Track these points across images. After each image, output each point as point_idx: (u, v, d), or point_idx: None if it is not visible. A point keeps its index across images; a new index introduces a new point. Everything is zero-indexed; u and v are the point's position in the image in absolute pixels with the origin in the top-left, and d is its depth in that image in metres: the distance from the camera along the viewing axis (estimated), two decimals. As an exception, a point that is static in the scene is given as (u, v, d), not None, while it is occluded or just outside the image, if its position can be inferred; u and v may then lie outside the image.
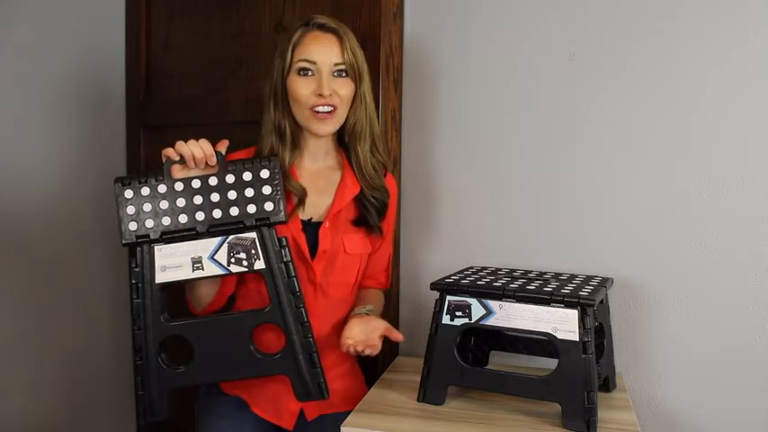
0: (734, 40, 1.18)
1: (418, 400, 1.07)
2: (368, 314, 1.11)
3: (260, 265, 0.99)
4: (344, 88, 1.08)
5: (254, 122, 1.18)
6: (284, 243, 1.00)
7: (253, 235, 1.00)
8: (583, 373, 0.95)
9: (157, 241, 0.99)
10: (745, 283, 1.19)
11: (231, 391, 1.16)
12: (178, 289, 1.04)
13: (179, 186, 0.99)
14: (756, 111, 1.17)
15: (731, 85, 1.18)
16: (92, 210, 1.56)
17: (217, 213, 0.99)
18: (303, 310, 1.00)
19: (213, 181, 1.00)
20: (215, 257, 0.99)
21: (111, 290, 1.64)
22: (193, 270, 0.99)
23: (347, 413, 1.02)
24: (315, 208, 1.14)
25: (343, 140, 1.16)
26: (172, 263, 0.99)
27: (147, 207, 0.99)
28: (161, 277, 0.99)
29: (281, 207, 1.00)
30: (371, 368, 1.33)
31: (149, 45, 1.61)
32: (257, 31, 1.48)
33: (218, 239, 0.99)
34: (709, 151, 1.20)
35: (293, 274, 1.00)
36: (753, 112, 1.17)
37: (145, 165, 1.63)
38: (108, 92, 1.62)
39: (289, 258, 1.00)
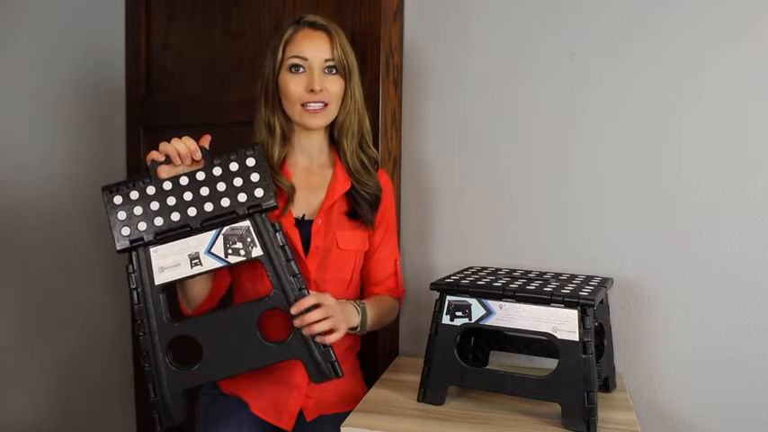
0: (735, 39, 1.18)
1: (418, 400, 1.07)
2: (356, 306, 1.10)
3: (257, 252, 0.99)
4: (335, 85, 1.10)
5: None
6: (278, 228, 1.00)
7: (247, 223, 0.99)
8: (583, 373, 0.95)
9: (152, 243, 0.98)
10: (746, 283, 1.19)
11: (230, 391, 1.16)
12: (173, 291, 1.03)
13: (168, 186, 0.99)
14: (757, 110, 1.17)
15: (732, 85, 1.18)
16: (92, 210, 1.55)
17: (208, 207, 0.99)
18: (306, 291, 0.99)
19: (201, 176, 1.00)
20: (212, 251, 0.99)
21: (112, 290, 1.64)
22: (192, 266, 0.98)
23: (347, 413, 1.02)
24: (307, 205, 1.14)
25: (334, 137, 1.18)
26: (169, 262, 0.98)
27: (138, 210, 0.98)
28: (160, 278, 0.98)
29: (272, 192, 1.00)
30: (371, 368, 1.33)
31: (149, 45, 1.61)
32: (257, 32, 1.48)
33: (212, 233, 0.99)
34: (710, 151, 1.20)
35: (291, 257, 0.99)
36: (753, 111, 1.17)
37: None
38: (108, 92, 1.62)
39: (285, 242, 1.00)
